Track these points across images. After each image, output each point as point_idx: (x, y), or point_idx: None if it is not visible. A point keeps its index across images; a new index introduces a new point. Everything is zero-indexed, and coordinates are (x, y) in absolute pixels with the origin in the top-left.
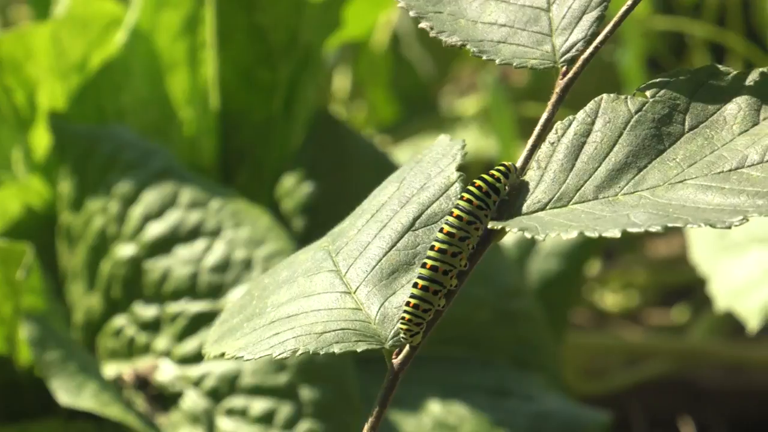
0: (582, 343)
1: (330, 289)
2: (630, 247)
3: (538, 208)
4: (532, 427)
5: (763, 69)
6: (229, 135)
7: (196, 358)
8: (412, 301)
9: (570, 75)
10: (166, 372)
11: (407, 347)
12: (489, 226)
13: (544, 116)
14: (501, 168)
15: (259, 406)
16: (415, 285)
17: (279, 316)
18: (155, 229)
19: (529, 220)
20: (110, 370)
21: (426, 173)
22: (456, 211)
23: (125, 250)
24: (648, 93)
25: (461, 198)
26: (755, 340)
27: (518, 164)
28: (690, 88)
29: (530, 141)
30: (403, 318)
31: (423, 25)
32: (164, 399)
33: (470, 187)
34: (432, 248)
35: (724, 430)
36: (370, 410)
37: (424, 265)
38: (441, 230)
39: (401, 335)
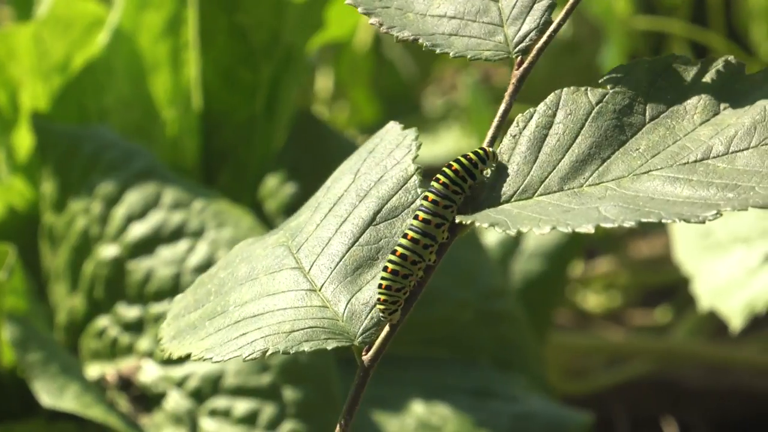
0: (565, 343)
1: (294, 287)
2: (612, 248)
3: (503, 200)
4: (515, 427)
5: (722, 58)
6: (211, 135)
7: (179, 358)
8: (384, 282)
9: (525, 65)
10: (149, 373)
11: (377, 344)
12: (457, 220)
13: (502, 107)
14: (479, 152)
15: (242, 406)
16: (385, 269)
17: (244, 315)
18: (138, 230)
19: (496, 213)
20: (93, 370)
21: (382, 165)
22: (431, 195)
23: (108, 251)
24: (608, 84)
25: (437, 180)
26: (737, 341)
27: None
28: (649, 78)
29: (489, 133)
30: (378, 299)
31: (372, 21)
32: (147, 400)
33: (446, 169)
34: (405, 236)
35: (706, 429)
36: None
37: (394, 252)
38: (416, 217)
39: (380, 313)
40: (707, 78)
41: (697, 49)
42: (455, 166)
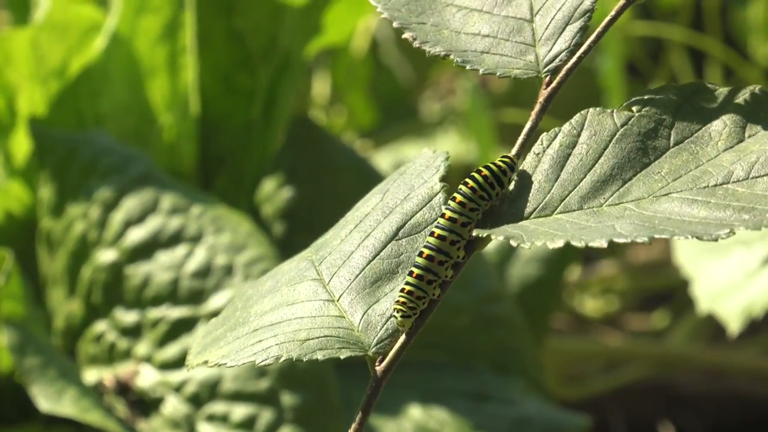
0: (562, 348)
1: (313, 297)
2: (610, 253)
3: (522, 216)
4: (513, 431)
5: (750, 87)
6: (208, 140)
7: (177, 363)
8: (407, 287)
9: (553, 85)
10: (146, 377)
11: (390, 354)
12: (474, 233)
13: (528, 125)
14: (506, 160)
15: (240, 411)
16: (411, 273)
17: (262, 324)
18: (136, 235)
19: (514, 228)
20: (91, 375)
21: (409, 184)
22: (459, 197)
23: (106, 256)
24: (634, 107)
25: (465, 184)
26: (735, 345)
27: None
28: (676, 103)
29: (514, 150)
30: (398, 301)
31: (406, 35)
32: (145, 405)
33: (475, 174)
34: (432, 234)
35: None
36: (351, 416)
37: (421, 254)
38: (443, 215)
39: (394, 316)
40: (733, 106)
41: (695, 55)
42: (485, 171)
